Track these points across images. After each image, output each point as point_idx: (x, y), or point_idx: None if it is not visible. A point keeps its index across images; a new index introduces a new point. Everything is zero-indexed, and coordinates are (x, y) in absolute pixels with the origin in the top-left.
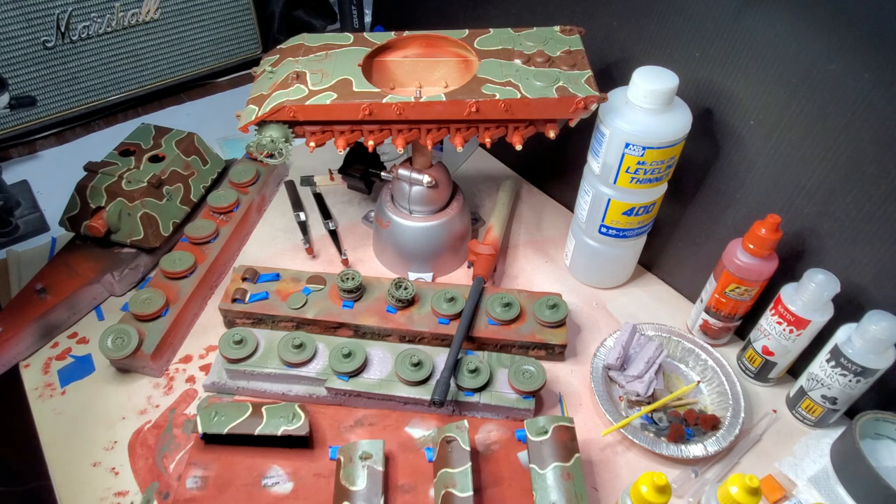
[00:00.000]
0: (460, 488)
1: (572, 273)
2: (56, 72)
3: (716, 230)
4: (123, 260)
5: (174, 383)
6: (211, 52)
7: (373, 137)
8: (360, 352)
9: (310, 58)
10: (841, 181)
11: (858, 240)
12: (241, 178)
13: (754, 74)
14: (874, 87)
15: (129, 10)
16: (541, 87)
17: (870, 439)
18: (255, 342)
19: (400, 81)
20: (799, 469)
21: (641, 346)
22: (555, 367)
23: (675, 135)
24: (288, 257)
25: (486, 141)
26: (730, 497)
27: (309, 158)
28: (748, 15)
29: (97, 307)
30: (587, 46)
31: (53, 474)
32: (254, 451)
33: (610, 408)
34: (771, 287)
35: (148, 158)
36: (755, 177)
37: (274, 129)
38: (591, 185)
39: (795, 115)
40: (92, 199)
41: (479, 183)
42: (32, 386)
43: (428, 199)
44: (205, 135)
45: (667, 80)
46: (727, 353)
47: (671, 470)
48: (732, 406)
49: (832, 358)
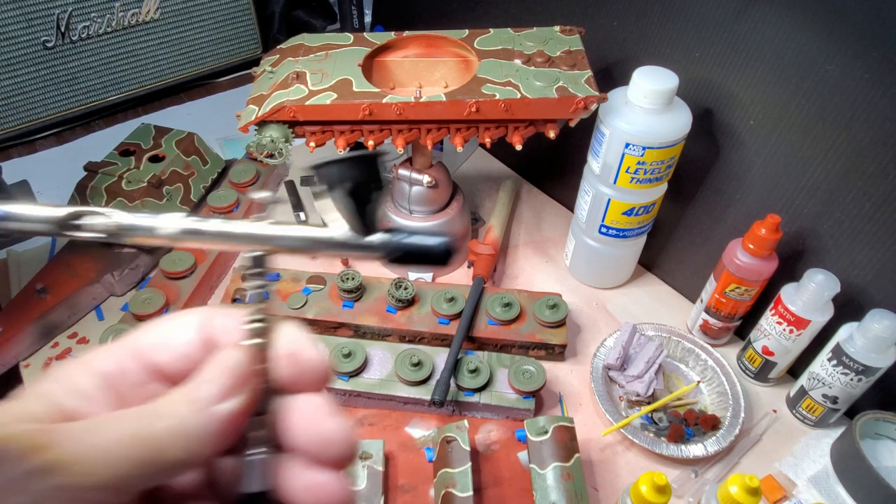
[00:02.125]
0: (460, 488)
1: (572, 273)
2: (56, 72)
3: (716, 230)
4: (123, 260)
5: None
6: (211, 52)
7: (373, 137)
8: (360, 352)
9: (310, 58)
10: (841, 181)
11: (858, 240)
12: (241, 178)
13: (754, 74)
14: (874, 87)
15: (129, 10)
16: (541, 87)
17: (870, 439)
18: None
19: (400, 81)
20: (799, 469)
21: (641, 346)
22: (555, 367)
23: (675, 135)
24: (288, 257)
25: (486, 141)
26: (730, 497)
27: (309, 158)
28: (748, 15)
29: (97, 307)
30: (587, 46)
31: None
32: None
33: (610, 408)
34: (771, 287)
35: (148, 158)
36: (755, 177)
37: (274, 129)
38: (591, 185)
39: (795, 115)
40: (92, 199)
41: (479, 183)
42: None
43: (428, 199)
44: (205, 135)
45: (667, 80)
46: (727, 353)
47: (671, 470)
48: (732, 406)
49: (834, 357)
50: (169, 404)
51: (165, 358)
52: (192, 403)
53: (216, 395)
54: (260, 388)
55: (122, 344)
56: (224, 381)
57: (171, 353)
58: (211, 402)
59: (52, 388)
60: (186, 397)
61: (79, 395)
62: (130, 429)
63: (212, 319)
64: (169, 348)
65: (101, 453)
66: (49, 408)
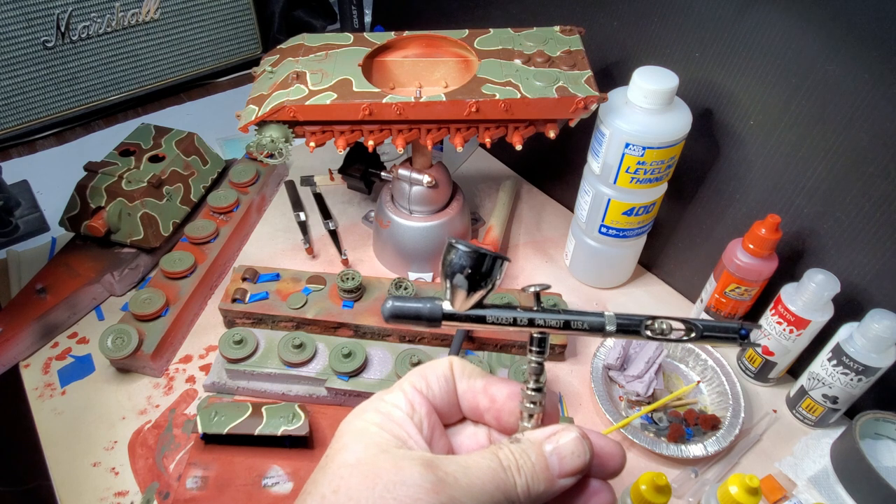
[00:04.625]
0: None
1: (572, 273)
2: (56, 72)
3: (716, 230)
4: (123, 260)
5: (174, 383)
6: (211, 52)
7: (373, 137)
8: (360, 352)
9: (310, 58)
10: (841, 181)
11: (858, 240)
12: (241, 178)
13: (754, 74)
14: (874, 87)
15: (129, 11)
16: (541, 87)
17: (870, 439)
18: (255, 342)
19: (400, 81)
20: (799, 469)
21: (641, 346)
22: (555, 367)
23: (675, 135)
24: (288, 257)
25: (486, 141)
26: (730, 497)
27: (309, 158)
28: (748, 15)
29: (97, 307)
30: (587, 46)
31: (53, 474)
32: (254, 451)
33: (610, 408)
34: (771, 287)
35: (148, 158)
36: (755, 177)
37: (274, 129)
38: (591, 185)
39: (795, 115)
40: (92, 199)
41: (479, 183)
42: (32, 386)
43: (428, 199)
44: (205, 135)
45: (667, 80)
46: (727, 353)
47: (671, 470)
48: (732, 406)
49: (834, 357)
50: (526, 462)
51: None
52: (545, 472)
53: (565, 472)
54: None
55: (403, 384)
56: (574, 463)
57: (438, 398)
58: (559, 476)
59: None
60: (542, 464)
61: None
62: (496, 478)
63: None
64: (435, 393)
65: (473, 495)
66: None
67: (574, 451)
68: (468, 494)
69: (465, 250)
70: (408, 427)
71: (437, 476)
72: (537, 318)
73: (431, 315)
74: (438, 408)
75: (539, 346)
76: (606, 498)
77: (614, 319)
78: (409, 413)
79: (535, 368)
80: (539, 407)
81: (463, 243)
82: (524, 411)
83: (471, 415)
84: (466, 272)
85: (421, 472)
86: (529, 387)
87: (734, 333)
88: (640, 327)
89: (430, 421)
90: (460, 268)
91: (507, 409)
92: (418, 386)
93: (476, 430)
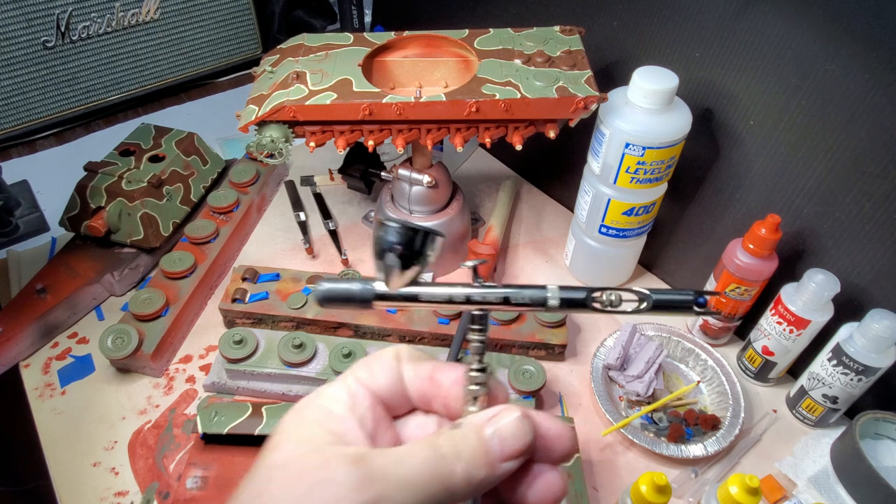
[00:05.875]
0: None
1: (572, 273)
2: (56, 72)
3: (716, 230)
4: (123, 260)
5: (174, 383)
6: (211, 52)
7: (373, 137)
8: (360, 352)
9: (310, 58)
10: (841, 181)
11: (858, 240)
12: (241, 178)
13: (754, 74)
14: (874, 87)
15: (129, 11)
16: (541, 87)
17: (870, 439)
18: (255, 342)
19: (400, 81)
20: (799, 469)
21: (641, 346)
22: (555, 367)
23: (675, 135)
24: (288, 257)
25: (486, 141)
26: (730, 497)
27: (309, 158)
28: (748, 15)
29: (97, 307)
30: (587, 46)
31: (53, 474)
32: (254, 451)
33: (610, 408)
34: (771, 287)
35: (148, 158)
36: (755, 177)
37: (274, 129)
38: (591, 185)
39: (795, 115)
40: (92, 199)
41: (479, 183)
42: (32, 386)
43: (428, 199)
44: (205, 135)
45: (667, 80)
46: (727, 353)
47: (671, 470)
48: (732, 406)
49: (834, 357)
50: (465, 447)
51: (382, 393)
52: (486, 456)
53: (507, 455)
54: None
55: (346, 377)
56: (516, 446)
57: (384, 389)
58: (500, 460)
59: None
60: (482, 448)
61: (338, 419)
62: (431, 467)
63: (406, 359)
64: (380, 384)
65: (406, 488)
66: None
67: (515, 432)
68: (399, 488)
69: (395, 227)
70: (347, 422)
71: (365, 472)
72: (474, 294)
73: (363, 296)
74: (386, 399)
75: (480, 324)
76: (553, 479)
77: (557, 293)
78: (350, 406)
79: (476, 348)
80: (483, 388)
81: (394, 219)
82: (468, 394)
83: (420, 404)
84: (397, 250)
85: (347, 468)
86: (472, 367)
87: (690, 302)
88: (586, 300)
89: (373, 414)
90: (390, 245)
91: (453, 394)
92: (362, 378)
93: (426, 419)
